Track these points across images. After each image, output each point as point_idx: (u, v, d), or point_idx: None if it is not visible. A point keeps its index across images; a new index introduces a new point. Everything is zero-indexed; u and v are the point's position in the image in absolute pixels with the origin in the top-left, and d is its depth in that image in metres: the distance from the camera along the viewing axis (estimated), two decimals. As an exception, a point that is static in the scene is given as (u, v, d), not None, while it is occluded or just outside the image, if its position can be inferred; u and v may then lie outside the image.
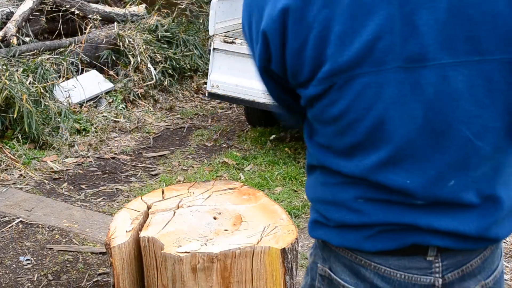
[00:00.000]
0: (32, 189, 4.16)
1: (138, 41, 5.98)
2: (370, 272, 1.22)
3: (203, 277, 2.25)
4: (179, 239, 2.35)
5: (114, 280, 2.44)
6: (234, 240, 2.30)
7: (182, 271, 2.26)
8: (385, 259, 1.20)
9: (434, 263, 1.21)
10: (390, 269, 1.20)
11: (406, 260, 1.20)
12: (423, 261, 1.20)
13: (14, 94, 4.56)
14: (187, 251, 2.25)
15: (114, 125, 5.32)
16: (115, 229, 2.50)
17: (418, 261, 1.20)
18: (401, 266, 1.20)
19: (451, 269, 1.22)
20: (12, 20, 5.67)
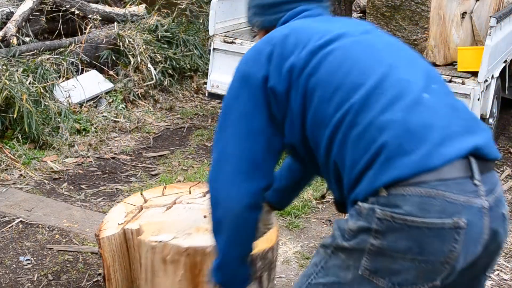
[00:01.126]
0: (32, 189, 4.16)
1: (138, 41, 5.98)
2: (438, 200, 1.44)
3: (172, 269, 2.26)
4: (160, 229, 2.36)
5: (105, 271, 2.46)
6: (210, 238, 2.29)
7: (153, 260, 2.28)
8: (447, 185, 1.45)
9: (480, 187, 1.49)
10: (454, 194, 1.45)
11: (462, 184, 1.46)
12: (472, 185, 1.48)
13: (14, 94, 4.56)
14: (159, 241, 2.26)
15: (114, 125, 5.32)
16: (108, 221, 2.52)
17: (469, 184, 1.48)
18: (460, 190, 1.46)
19: (490, 194, 1.51)
20: (12, 20, 5.67)
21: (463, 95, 4.10)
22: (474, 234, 1.48)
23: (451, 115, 1.55)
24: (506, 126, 5.66)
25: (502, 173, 4.69)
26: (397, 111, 1.51)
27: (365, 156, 1.51)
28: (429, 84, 1.59)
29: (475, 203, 1.47)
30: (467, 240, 1.46)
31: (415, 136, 1.48)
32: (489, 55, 4.05)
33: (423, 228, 1.44)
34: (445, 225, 1.44)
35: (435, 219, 1.44)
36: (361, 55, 1.63)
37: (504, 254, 3.60)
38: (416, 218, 1.44)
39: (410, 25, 4.21)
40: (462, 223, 1.44)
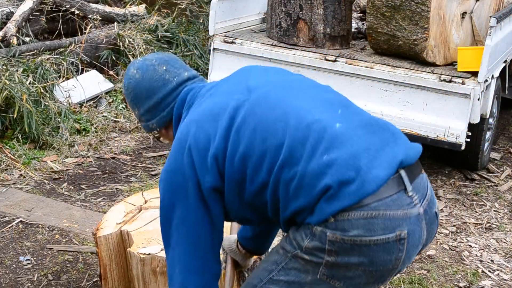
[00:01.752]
0: (32, 189, 4.16)
1: (138, 41, 5.98)
2: (380, 219, 1.60)
3: (162, 280, 2.26)
4: (150, 239, 2.36)
5: (101, 270, 2.46)
6: None
7: (144, 271, 2.28)
8: (385, 204, 1.61)
9: (413, 197, 1.66)
10: (392, 211, 1.61)
11: (398, 199, 1.62)
12: (406, 197, 1.65)
13: (14, 94, 4.56)
14: (148, 253, 2.26)
15: (114, 125, 5.32)
16: (106, 220, 2.52)
17: (404, 198, 1.64)
18: (398, 205, 1.62)
19: (422, 199, 1.70)
20: (12, 20, 5.67)
21: (463, 95, 4.10)
22: (415, 239, 1.67)
23: (367, 135, 1.68)
24: (506, 126, 5.66)
25: (502, 173, 4.69)
26: (321, 155, 1.63)
27: (309, 199, 1.64)
28: (335, 112, 1.72)
29: (412, 213, 1.65)
30: (409, 247, 1.66)
31: (347, 168, 1.61)
32: (489, 55, 4.05)
33: (371, 245, 1.61)
34: (389, 239, 1.62)
35: (380, 236, 1.61)
36: (267, 115, 1.71)
37: (504, 254, 3.61)
38: (363, 238, 1.60)
39: (410, 25, 4.20)
40: (403, 234, 1.63)
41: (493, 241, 3.75)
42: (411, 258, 1.71)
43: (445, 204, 4.19)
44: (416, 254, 1.74)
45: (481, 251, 3.62)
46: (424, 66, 4.29)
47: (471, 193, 4.37)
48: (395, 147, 1.69)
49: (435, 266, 3.42)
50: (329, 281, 1.68)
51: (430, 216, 1.72)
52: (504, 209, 4.16)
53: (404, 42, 4.27)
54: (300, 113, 1.69)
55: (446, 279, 3.31)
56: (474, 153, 4.49)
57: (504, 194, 4.37)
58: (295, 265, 1.70)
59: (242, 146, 1.70)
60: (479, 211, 4.11)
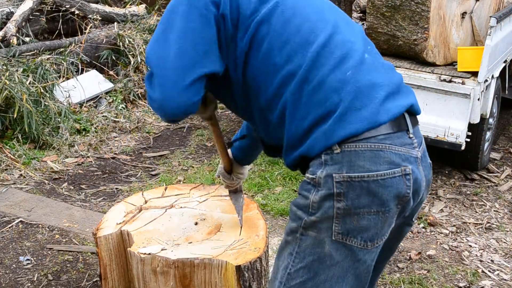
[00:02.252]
0: (32, 189, 4.16)
1: (138, 41, 5.98)
2: (386, 152, 1.61)
3: (163, 280, 2.26)
4: (150, 239, 2.36)
5: (101, 270, 2.46)
6: (198, 249, 2.28)
7: (144, 271, 2.28)
8: (391, 139, 1.63)
9: (413, 139, 1.70)
10: (397, 146, 1.63)
11: (400, 137, 1.65)
12: (407, 138, 1.68)
13: (14, 94, 4.56)
14: (148, 253, 2.26)
15: (114, 125, 5.32)
16: (106, 220, 2.53)
17: (405, 138, 1.67)
18: (401, 143, 1.65)
19: (419, 145, 1.73)
20: (12, 20, 5.67)
21: (463, 95, 4.10)
22: (417, 180, 1.68)
23: (389, 75, 1.71)
24: (506, 126, 5.66)
25: (502, 173, 4.69)
26: (346, 70, 1.63)
27: (318, 111, 1.62)
28: (366, 45, 1.74)
29: (412, 154, 1.67)
30: (414, 185, 1.66)
31: (364, 94, 1.62)
32: (489, 55, 4.05)
33: (379, 181, 1.60)
34: (395, 173, 1.62)
35: (386, 170, 1.60)
36: (309, 12, 1.71)
37: (504, 254, 3.61)
38: (370, 172, 1.59)
39: (410, 25, 4.20)
40: (408, 170, 1.64)
41: (493, 241, 3.75)
42: (414, 202, 1.71)
43: (445, 204, 4.19)
44: (418, 200, 1.74)
45: (481, 251, 3.62)
46: (424, 66, 4.29)
47: (471, 193, 4.37)
48: (408, 93, 1.74)
49: (435, 266, 3.42)
50: (346, 241, 1.64)
51: (425, 163, 1.75)
52: (504, 209, 4.16)
53: (404, 42, 4.27)
54: (339, 27, 1.71)
55: (446, 279, 3.31)
56: (474, 153, 4.49)
57: (504, 194, 4.37)
58: (308, 242, 1.66)
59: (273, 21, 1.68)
60: (479, 211, 4.11)
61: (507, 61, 4.77)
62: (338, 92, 1.61)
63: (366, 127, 1.60)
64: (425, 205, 4.15)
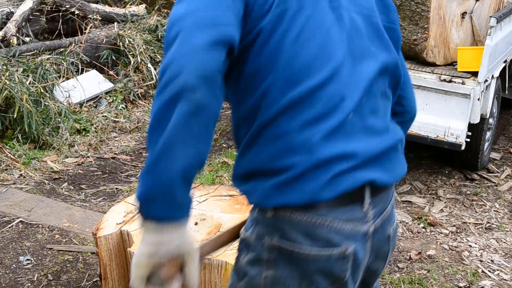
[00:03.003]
0: (32, 189, 4.16)
1: (138, 41, 5.98)
2: (325, 229, 1.37)
3: None
4: None
5: (101, 270, 2.46)
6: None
7: None
8: (336, 212, 1.38)
9: (368, 212, 1.44)
10: (341, 223, 1.39)
11: (349, 211, 1.40)
12: (360, 211, 1.42)
13: (14, 94, 4.56)
14: None
15: (114, 125, 5.32)
16: (106, 220, 2.53)
17: (357, 211, 1.41)
18: (348, 218, 1.40)
19: (377, 216, 1.47)
20: (12, 20, 5.67)
21: (463, 95, 4.10)
22: (359, 259, 1.43)
23: (370, 141, 1.44)
24: (506, 126, 5.66)
25: (502, 173, 4.69)
26: (316, 133, 1.37)
27: (267, 162, 1.39)
28: (362, 99, 1.43)
29: (360, 230, 1.42)
30: (354, 266, 1.43)
31: (319, 166, 1.36)
32: (489, 55, 4.05)
33: (309, 259, 1.38)
34: (332, 255, 1.38)
35: (321, 249, 1.38)
36: (315, 40, 1.40)
37: (504, 254, 3.61)
38: (302, 247, 1.37)
39: (410, 25, 4.20)
40: (349, 251, 1.40)
41: (493, 241, 3.75)
42: (354, 280, 1.46)
43: (445, 204, 4.19)
44: (358, 278, 1.49)
45: (481, 251, 3.62)
46: (424, 66, 4.29)
47: (471, 193, 4.37)
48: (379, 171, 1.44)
49: (435, 266, 3.42)
50: None
51: (380, 237, 1.49)
52: (504, 209, 4.16)
53: (404, 42, 4.27)
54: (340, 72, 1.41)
55: (446, 279, 3.31)
56: (474, 153, 4.49)
57: (504, 194, 4.37)
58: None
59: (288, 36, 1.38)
60: (479, 211, 4.11)
61: (507, 61, 4.77)
62: (294, 155, 1.36)
63: (304, 202, 1.36)
64: (425, 205, 4.15)
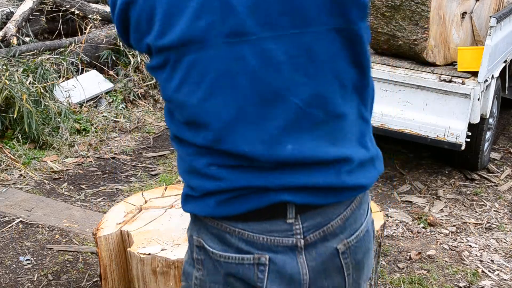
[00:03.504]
0: (32, 189, 4.16)
1: (138, 41, 5.98)
2: (234, 238, 1.29)
3: (163, 280, 2.27)
4: (150, 239, 2.37)
5: (101, 270, 2.47)
6: None
7: (144, 271, 2.29)
8: (247, 225, 1.28)
9: (294, 225, 1.29)
10: (253, 233, 1.28)
11: (268, 224, 1.28)
12: (283, 224, 1.29)
13: (14, 94, 4.56)
14: (148, 253, 2.27)
15: (114, 125, 5.32)
16: (106, 220, 2.53)
17: (279, 224, 1.29)
18: (263, 230, 1.29)
19: (312, 230, 1.30)
20: (12, 20, 5.67)
21: (463, 95, 4.10)
22: (284, 270, 1.31)
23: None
24: (506, 126, 5.66)
25: (502, 173, 4.69)
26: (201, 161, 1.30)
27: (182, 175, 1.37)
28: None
29: (281, 243, 1.30)
30: (274, 278, 1.31)
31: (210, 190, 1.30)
32: (489, 55, 4.05)
33: (221, 262, 1.32)
34: (244, 260, 1.30)
35: (233, 254, 1.31)
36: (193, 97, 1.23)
37: (504, 254, 3.61)
38: (215, 250, 1.32)
39: (410, 25, 4.20)
40: (264, 260, 1.29)
41: (493, 241, 3.75)
42: None
43: (445, 204, 4.19)
44: None
45: (481, 251, 3.62)
46: (424, 66, 4.29)
47: (471, 193, 4.37)
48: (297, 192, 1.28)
49: (435, 266, 3.42)
50: None
51: (321, 251, 1.33)
52: (504, 209, 4.16)
53: (404, 42, 4.27)
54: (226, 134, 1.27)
55: (446, 279, 3.31)
56: (474, 153, 4.49)
57: (504, 194, 4.37)
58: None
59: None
60: (479, 211, 4.11)
61: (507, 61, 4.77)
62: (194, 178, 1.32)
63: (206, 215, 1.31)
64: (425, 205, 4.15)
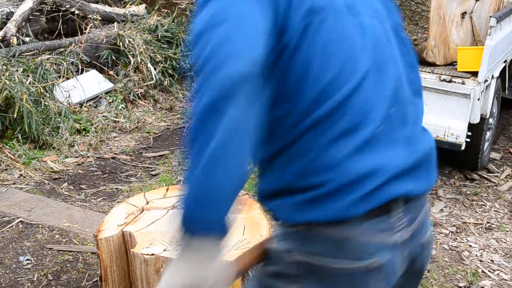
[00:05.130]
0: (32, 189, 4.16)
1: (138, 41, 5.98)
2: (353, 243, 1.33)
3: None
4: (153, 240, 2.37)
5: (102, 272, 2.47)
6: None
7: (148, 272, 2.29)
8: (364, 227, 1.33)
9: (396, 223, 1.37)
10: (370, 235, 1.33)
11: (378, 224, 1.34)
12: (387, 223, 1.36)
13: (14, 94, 4.56)
14: (151, 254, 2.26)
15: (114, 125, 5.32)
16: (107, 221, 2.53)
17: (384, 223, 1.35)
18: (376, 230, 1.34)
19: (407, 226, 1.40)
20: (12, 20, 5.67)
21: (463, 95, 4.10)
22: (389, 271, 1.38)
23: (402, 152, 1.38)
24: (506, 126, 5.66)
25: (502, 173, 4.69)
26: (344, 149, 1.31)
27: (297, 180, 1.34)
28: (390, 108, 1.38)
29: (389, 241, 1.36)
30: (386, 277, 1.38)
31: (347, 185, 1.31)
32: (489, 55, 4.05)
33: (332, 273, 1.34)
34: (361, 268, 1.34)
35: (349, 262, 1.33)
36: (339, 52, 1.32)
37: (504, 254, 3.61)
38: (329, 260, 1.33)
39: (410, 25, 4.20)
40: (378, 263, 1.34)
41: (493, 241, 3.75)
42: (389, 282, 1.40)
43: (445, 204, 4.19)
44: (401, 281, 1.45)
45: (481, 251, 3.62)
46: (424, 66, 4.29)
47: (471, 193, 4.37)
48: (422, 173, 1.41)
49: (435, 266, 3.42)
50: None
51: (413, 246, 1.43)
52: (504, 209, 4.16)
53: (404, 42, 4.27)
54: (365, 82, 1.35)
55: (446, 279, 3.31)
56: (474, 153, 4.49)
57: (504, 194, 4.37)
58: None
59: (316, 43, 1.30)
60: (479, 211, 4.11)
61: (507, 61, 4.77)
62: (322, 173, 1.31)
63: (332, 219, 1.32)
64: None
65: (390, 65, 1.40)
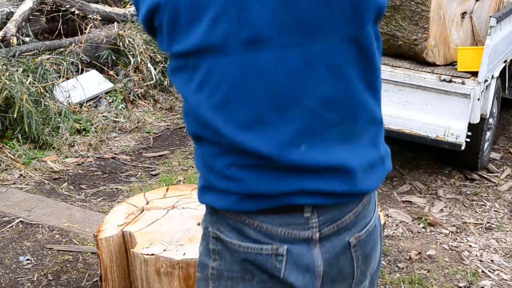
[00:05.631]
0: (32, 189, 4.16)
1: (138, 41, 5.98)
2: (253, 230, 1.34)
3: (166, 281, 2.27)
4: (153, 240, 2.37)
5: (101, 272, 2.47)
6: None
7: (148, 272, 2.29)
8: (266, 217, 1.33)
9: (311, 219, 1.35)
10: (272, 226, 1.34)
11: (286, 217, 1.34)
12: (301, 218, 1.34)
13: (14, 94, 4.56)
14: (151, 254, 2.27)
15: (114, 125, 5.32)
16: (107, 222, 2.53)
17: (296, 218, 1.34)
18: (282, 223, 1.34)
19: (327, 224, 1.36)
20: (12, 20, 5.67)
21: (463, 95, 4.10)
22: (300, 262, 1.36)
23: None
24: (506, 126, 5.66)
25: (502, 173, 4.69)
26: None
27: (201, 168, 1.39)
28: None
29: (299, 235, 1.35)
30: (291, 267, 1.36)
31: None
32: (489, 55, 4.05)
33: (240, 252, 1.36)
34: (263, 250, 1.35)
35: (252, 244, 1.35)
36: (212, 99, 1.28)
37: (504, 254, 3.61)
38: (233, 240, 1.36)
39: (410, 25, 4.20)
40: (282, 250, 1.34)
41: (493, 241, 3.75)
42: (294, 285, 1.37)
43: (445, 204, 4.19)
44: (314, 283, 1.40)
45: (481, 251, 3.62)
46: (424, 66, 4.29)
47: (471, 193, 4.37)
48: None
49: (435, 266, 3.42)
50: None
51: (335, 245, 1.39)
52: (504, 209, 4.16)
53: (404, 42, 4.27)
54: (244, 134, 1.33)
55: (446, 279, 3.31)
56: (474, 153, 4.49)
57: (504, 194, 4.37)
58: None
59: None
60: (479, 211, 4.12)
61: (507, 61, 4.77)
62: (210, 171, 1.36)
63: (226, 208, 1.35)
64: (425, 205, 4.15)
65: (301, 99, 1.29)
